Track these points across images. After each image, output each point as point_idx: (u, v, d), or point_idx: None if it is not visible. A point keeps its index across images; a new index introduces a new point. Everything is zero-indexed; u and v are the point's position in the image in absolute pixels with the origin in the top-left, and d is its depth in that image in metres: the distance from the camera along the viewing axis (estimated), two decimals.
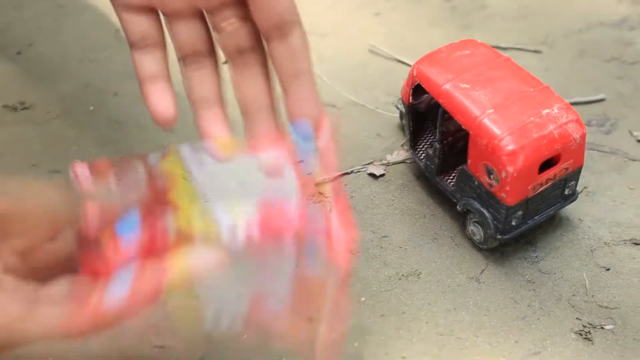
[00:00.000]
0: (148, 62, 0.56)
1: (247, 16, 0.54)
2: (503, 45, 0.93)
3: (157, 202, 0.51)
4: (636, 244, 0.74)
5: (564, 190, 0.72)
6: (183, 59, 0.56)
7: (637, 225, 0.76)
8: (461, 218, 0.74)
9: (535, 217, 0.71)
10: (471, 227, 0.72)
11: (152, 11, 0.56)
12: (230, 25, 0.55)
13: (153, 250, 0.50)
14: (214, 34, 0.56)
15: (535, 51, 0.94)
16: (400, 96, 0.77)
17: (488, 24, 0.98)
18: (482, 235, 0.71)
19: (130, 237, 0.50)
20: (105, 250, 0.50)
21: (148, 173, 0.52)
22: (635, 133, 0.84)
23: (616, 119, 0.86)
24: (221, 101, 0.57)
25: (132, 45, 0.56)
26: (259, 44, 0.55)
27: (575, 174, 0.72)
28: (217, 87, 0.57)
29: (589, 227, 0.76)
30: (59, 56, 0.91)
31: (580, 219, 0.76)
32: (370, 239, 0.73)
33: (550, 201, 0.72)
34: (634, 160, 0.82)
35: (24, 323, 0.47)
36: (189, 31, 0.56)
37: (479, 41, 0.77)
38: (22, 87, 0.87)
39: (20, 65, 0.89)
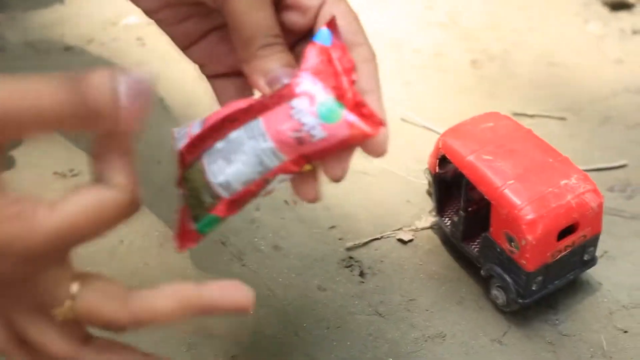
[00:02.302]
0: None
1: None
2: (529, 112, 0.97)
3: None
4: None
5: (582, 256, 0.76)
6: None
7: None
8: (485, 282, 0.77)
9: (556, 282, 0.75)
10: (494, 291, 0.76)
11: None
12: None
13: None
14: None
15: (561, 118, 0.98)
16: (427, 165, 0.81)
17: (515, 91, 1.02)
18: (505, 299, 0.75)
19: None
20: None
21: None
22: None
23: (638, 184, 0.89)
24: None
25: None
26: None
27: (594, 241, 0.75)
28: None
29: (609, 290, 0.79)
30: None
31: (600, 283, 0.79)
32: (398, 302, 0.77)
33: (569, 266, 0.75)
34: None
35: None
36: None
37: (502, 113, 0.81)
38: (72, 155, 0.91)
39: (70, 134, 0.94)
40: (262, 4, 0.57)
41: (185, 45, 0.64)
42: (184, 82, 0.97)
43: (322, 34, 0.57)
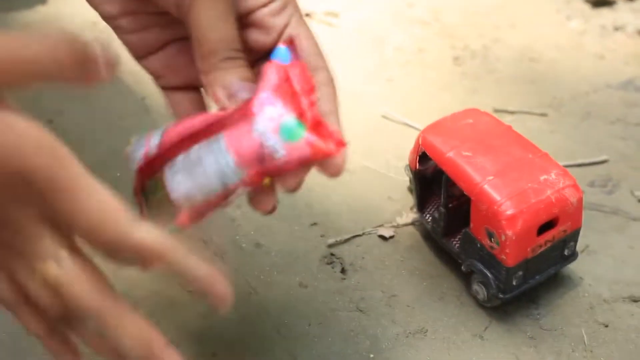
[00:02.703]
0: None
1: None
2: (510, 109, 0.98)
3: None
4: (634, 300, 0.78)
5: (563, 251, 0.76)
6: None
7: (637, 283, 0.79)
8: (466, 278, 0.78)
9: (536, 277, 0.75)
10: (475, 287, 0.76)
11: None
12: None
13: None
14: None
15: (542, 114, 0.98)
16: (408, 162, 0.81)
17: (497, 87, 1.02)
18: (486, 294, 0.75)
19: None
20: None
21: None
22: (636, 193, 0.88)
23: (618, 179, 0.90)
24: None
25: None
26: None
27: (574, 235, 0.76)
28: None
29: (590, 284, 0.79)
30: (88, 124, 0.96)
31: (581, 277, 0.80)
32: (379, 298, 0.77)
33: (550, 261, 0.75)
34: (634, 220, 0.85)
35: None
36: None
37: (482, 110, 0.81)
38: None
39: (52, 132, 0.94)
40: (226, 16, 0.57)
41: (142, 55, 0.63)
42: None
43: (281, 52, 0.58)
